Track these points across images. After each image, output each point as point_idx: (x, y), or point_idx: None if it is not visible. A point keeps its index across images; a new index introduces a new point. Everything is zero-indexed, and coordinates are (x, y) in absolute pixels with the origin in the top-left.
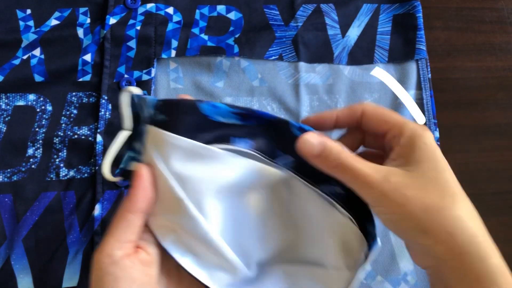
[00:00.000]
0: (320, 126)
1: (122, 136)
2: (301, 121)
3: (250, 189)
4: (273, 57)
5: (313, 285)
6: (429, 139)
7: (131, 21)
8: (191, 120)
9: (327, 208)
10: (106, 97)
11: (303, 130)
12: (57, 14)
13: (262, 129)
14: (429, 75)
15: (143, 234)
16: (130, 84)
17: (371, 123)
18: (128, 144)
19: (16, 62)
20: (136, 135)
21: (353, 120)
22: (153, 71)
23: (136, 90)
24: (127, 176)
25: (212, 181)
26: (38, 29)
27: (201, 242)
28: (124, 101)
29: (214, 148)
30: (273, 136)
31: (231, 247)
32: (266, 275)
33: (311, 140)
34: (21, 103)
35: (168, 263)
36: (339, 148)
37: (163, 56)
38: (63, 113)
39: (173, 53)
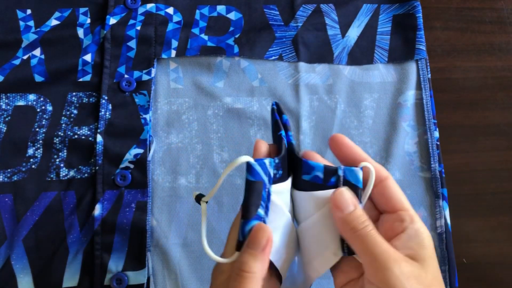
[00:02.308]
0: None
1: (204, 209)
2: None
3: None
4: (273, 57)
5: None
6: (430, 239)
7: (131, 21)
8: (289, 162)
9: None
10: (106, 97)
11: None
12: (57, 14)
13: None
14: (429, 75)
15: None
16: (130, 84)
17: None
18: (246, 213)
19: (16, 62)
20: (259, 202)
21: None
22: (153, 71)
23: (249, 159)
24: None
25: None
26: (38, 29)
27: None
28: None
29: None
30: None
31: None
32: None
33: (346, 197)
34: (21, 103)
35: None
36: (365, 217)
37: (163, 56)
38: (63, 113)
39: (173, 53)
